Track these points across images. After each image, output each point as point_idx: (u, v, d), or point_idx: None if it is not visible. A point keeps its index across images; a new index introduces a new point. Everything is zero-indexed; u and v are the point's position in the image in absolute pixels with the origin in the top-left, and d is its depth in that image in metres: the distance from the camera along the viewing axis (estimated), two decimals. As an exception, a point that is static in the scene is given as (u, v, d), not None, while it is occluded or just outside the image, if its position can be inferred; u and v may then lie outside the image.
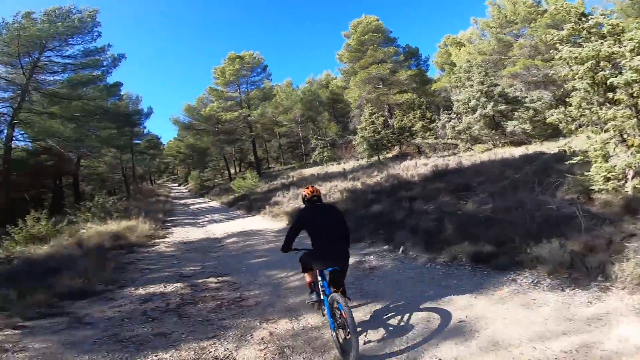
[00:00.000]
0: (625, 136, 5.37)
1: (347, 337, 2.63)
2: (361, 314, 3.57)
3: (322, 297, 3.14)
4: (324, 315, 3.23)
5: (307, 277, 3.51)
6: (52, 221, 10.49)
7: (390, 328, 3.21)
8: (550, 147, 13.27)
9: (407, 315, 3.40)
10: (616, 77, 5.01)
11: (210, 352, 3.07)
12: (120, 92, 24.87)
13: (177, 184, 56.50)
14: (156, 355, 3.05)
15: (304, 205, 3.46)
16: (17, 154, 22.17)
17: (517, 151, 15.45)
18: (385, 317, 3.48)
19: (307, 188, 3.42)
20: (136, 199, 24.22)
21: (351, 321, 2.52)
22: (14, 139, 14.84)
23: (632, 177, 5.15)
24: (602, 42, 5.32)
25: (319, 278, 3.17)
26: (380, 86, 27.32)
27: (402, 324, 3.26)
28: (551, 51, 6.48)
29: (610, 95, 5.29)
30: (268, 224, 11.05)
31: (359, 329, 2.85)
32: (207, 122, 31.16)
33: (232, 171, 41.32)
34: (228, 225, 11.67)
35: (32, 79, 14.29)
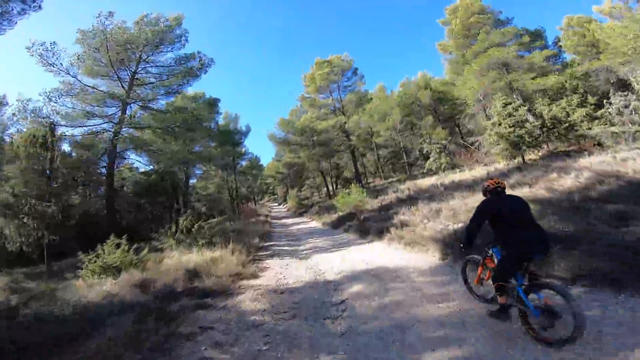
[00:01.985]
0: None
1: (547, 323, 2.69)
2: None
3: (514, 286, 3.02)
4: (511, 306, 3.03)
5: (502, 299, 3.07)
6: (134, 248, 8.61)
7: None
8: None
9: None
10: None
11: None
12: (219, 108, 24.95)
13: (277, 204, 57.76)
14: None
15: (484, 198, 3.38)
16: (138, 175, 23.84)
17: None
18: None
19: (491, 180, 3.39)
20: (237, 219, 23.33)
21: (572, 299, 2.56)
22: (116, 159, 14.55)
23: None
24: None
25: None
26: (504, 72, 21.04)
27: None
28: None
29: None
30: (403, 256, 6.94)
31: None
32: (302, 135, 29.46)
33: (330, 188, 38.95)
34: (340, 256, 7.99)
35: (132, 92, 13.99)
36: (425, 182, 20.35)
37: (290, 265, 7.74)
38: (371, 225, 11.15)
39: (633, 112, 14.23)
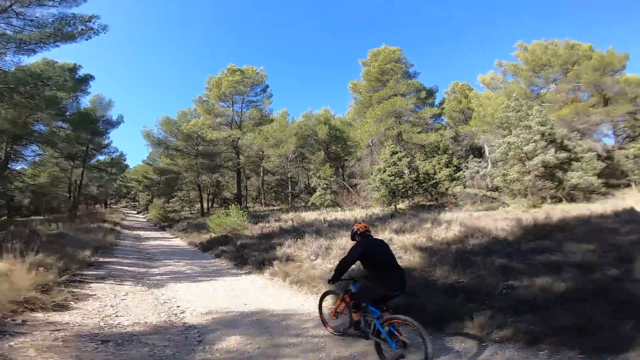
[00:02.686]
0: None
1: (401, 355, 2.86)
2: None
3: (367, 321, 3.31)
4: (368, 338, 3.20)
5: (357, 316, 3.40)
6: None
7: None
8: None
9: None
10: None
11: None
12: (88, 87, 19.80)
13: (135, 212, 48.81)
14: None
15: (354, 241, 3.58)
16: None
17: (580, 209, 12.30)
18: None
19: (360, 224, 3.68)
20: (72, 222, 17.69)
21: (424, 330, 2.69)
22: None
23: None
24: None
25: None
26: (398, 122, 23.79)
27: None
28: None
29: None
30: (291, 297, 5.66)
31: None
32: (186, 141, 25.94)
33: (205, 205, 35.07)
34: (209, 289, 6.10)
35: None
36: (309, 215, 20.14)
37: (131, 294, 5.41)
38: (250, 254, 9.59)
39: (481, 178, 17.66)
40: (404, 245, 8.04)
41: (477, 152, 24.26)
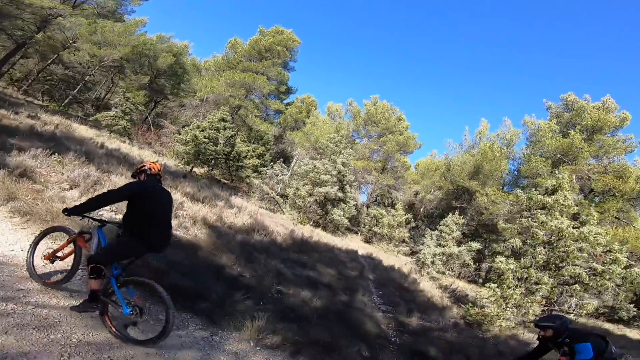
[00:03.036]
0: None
1: (133, 321, 2.54)
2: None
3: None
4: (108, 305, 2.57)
5: (97, 284, 2.51)
6: None
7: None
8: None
9: None
10: None
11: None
12: None
13: None
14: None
15: (137, 179, 2.97)
16: None
17: (328, 238, 16.00)
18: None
19: (155, 164, 3.03)
20: None
21: (168, 297, 2.47)
22: None
23: None
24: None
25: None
26: (245, 97, 23.00)
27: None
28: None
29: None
30: (5, 233, 3.76)
31: None
32: None
33: None
34: None
35: None
36: (82, 130, 15.31)
37: None
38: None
39: (277, 182, 19.24)
40: (195, 216, 7.29)
41: (286, 159, 26.70)
